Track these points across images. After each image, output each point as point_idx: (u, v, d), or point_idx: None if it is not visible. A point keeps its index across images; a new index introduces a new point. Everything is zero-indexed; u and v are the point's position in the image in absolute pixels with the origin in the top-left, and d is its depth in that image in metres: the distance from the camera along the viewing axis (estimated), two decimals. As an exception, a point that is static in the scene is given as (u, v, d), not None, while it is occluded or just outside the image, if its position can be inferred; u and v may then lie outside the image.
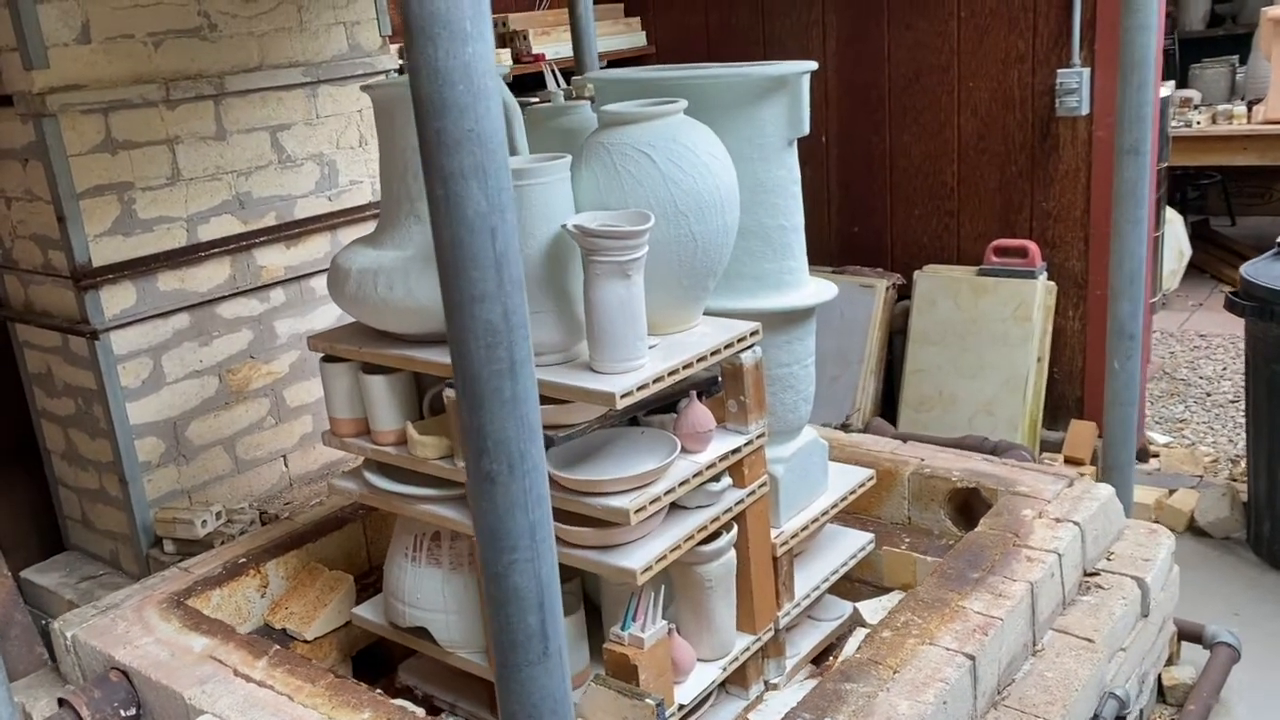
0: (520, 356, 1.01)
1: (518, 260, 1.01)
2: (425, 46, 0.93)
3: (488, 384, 1.01)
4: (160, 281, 2.76)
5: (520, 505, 1.05)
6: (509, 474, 1.03)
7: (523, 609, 1.08)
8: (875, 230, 4.20)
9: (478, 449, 1.03)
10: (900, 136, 4.04)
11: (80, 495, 2.98)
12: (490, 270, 0.98)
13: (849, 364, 3.96)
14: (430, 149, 0.96)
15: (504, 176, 0.98)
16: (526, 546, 1.06)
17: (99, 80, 2.58)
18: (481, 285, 0.98)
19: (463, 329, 1.00)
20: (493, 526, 1.05)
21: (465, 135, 0.95)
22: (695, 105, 2.09)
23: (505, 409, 1.02)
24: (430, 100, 0.94)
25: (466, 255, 0.98)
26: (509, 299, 1.00)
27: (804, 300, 2.18)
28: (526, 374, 1.02)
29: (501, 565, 1.07)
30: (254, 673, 2.12)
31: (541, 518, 1.06)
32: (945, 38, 3.83)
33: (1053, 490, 2.56)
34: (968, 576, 2.23)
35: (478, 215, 0.97)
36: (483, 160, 0.96)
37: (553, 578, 1.09)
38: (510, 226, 0.99)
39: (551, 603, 1.09)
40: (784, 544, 2.23)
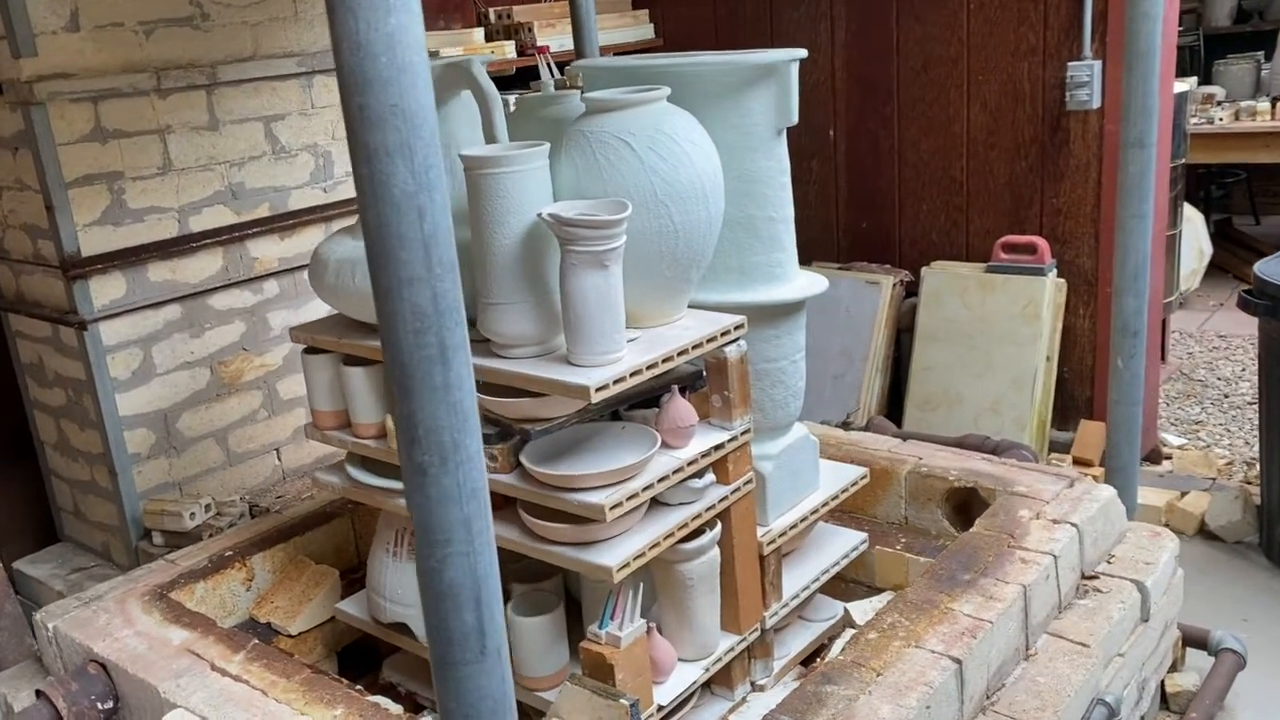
0: (453, 342, 0.97)
1: (449, 242, 0.97)
2: (346, 18, 0.89)
3: (417, 370, 0.97)
4: (151, 272, 2.74)
5: (453, 498, 1.01)
6: (440, 465, 1.00)
7: (458, 605, 1.04)
8: (883, 226, 4.14)
9: (409, 438, 1.00)
10: (909, 130, 3.97)
11: (72, 487, 2.97)
12: (418, 252, 0.94)
13: (854, 361, 3.90)
14: (353, 125, 0.92)
15: (432, 155, 0.94)
16: (461, 540, 1.02)
17: (88, 69, 2.56)
18: (409, 268, 0.95)
19: (390, 313, 0.96)
20: (425, 519, 1.02)
21: (389, 111, 0.91)
22: (683, 94, 2.04)
23: (436, 397, 0.98)
24: (352, 74, 0.91)
25: (393, 236, 0.94)
26: (439, 282, 0.96)
27: (792, 294, 2.14)
28: (460, 361, 0.98)
29: (435, 560, 1.03)
30: (231, 667, 2.09)
31: (477, 511, 1.02)
32: (954, 30, 3.77)
33: (1052, 491, 2.49)
34: (959, 578, 2.17)
35: (404, 195, 0.93)
36: (408, 137, 0.92)
37: (490, 574, 1.05)
38: (440, 207, 0.95)
39: (489, 599, 1.06)
40: (771, 543, 2.19)
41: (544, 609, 2.06)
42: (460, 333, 0.98)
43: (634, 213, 1.85)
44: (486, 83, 1.96)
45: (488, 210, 1.82)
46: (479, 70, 1.96)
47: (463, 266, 1.97)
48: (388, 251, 0.94)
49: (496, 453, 1.93)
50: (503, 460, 1.93)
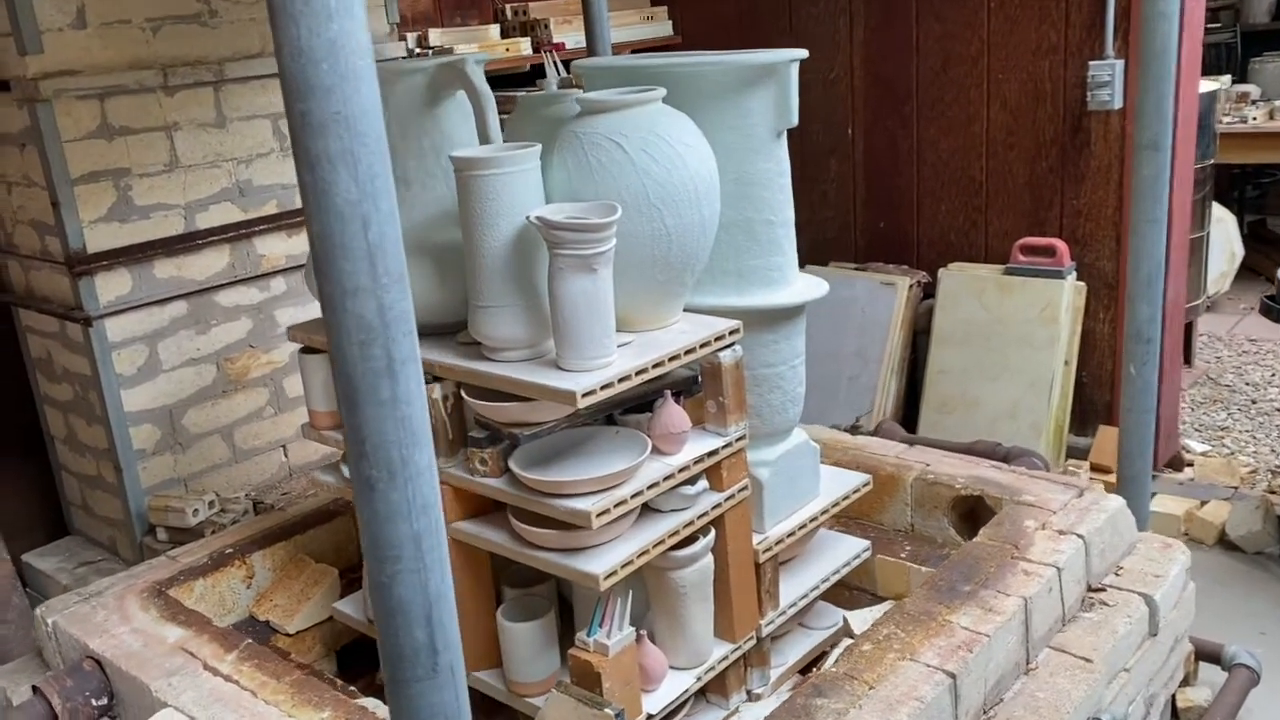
0: (400, 355, 0.95)
1: (396, 252, 0.95)
2: (287, 24, 0.87)
3: (363, 383, 0.95)
4: (157, 269, 2.75)
5: (402, 514, 0.99)
6: (389, 480, 0.97)
7: (409, 622, 1.02)
8: (901, 226, 4.08)
9: (357, 452, 0.98)
10: (928, 130, 3.92)
11: (80, 481, 2.99)
12: (363, 263, 0.92)
13: (869, 363, 3.85)
14: (296, 132, 0.90)
15: (378, 163, 0.92)
16: (411, 557, 1.00)
17: (95, 66, 2.57)
18: (354, 278, 0.93)
19: (336, 325, 0.94)
20: (374, 535, 1.00)
21: (331, 118, 0.89)
22: (681, 94, 2.01)
23: (383, 411, 0.96)
24: (293, 80, 0.89)
25: (337, 246, 0.92)
26: (385, 293, 0.94)
27: (790, 298, 2.10)
28: (408, 374, 0.96)
29: (385, 575, 1.01)
30: (222, 666, 2.09)
31: (427, 527, 1.00)
32: (975, 28, 3.70)
33: (1060, 501, 2.44)
34: (959, 589, 2.13)
35: (347, 204, 0.91)
36: (351, 145, 0.90)
37: (443, 591, 1.03)
38: (386, 216, 0.93)
39: (442, 616, 1.03)
40: (767, 550, 2.15)
41: (535, 614, 2.04)
42: (409, 345, 0.96)
43: (626, 216, 1.82)
44: (480, 83, 1.94)
45: (477, 212, 1.80)
46: (473, 70, 1.94)
47: (456, 268, 1.97)
48: (331, 261, 0.92)
49: (486, 456, 1.91)
50: (492, 464, 1.91)
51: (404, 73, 2.00)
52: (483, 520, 2.00)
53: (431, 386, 1.96)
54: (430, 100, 2.03)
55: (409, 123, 2.02)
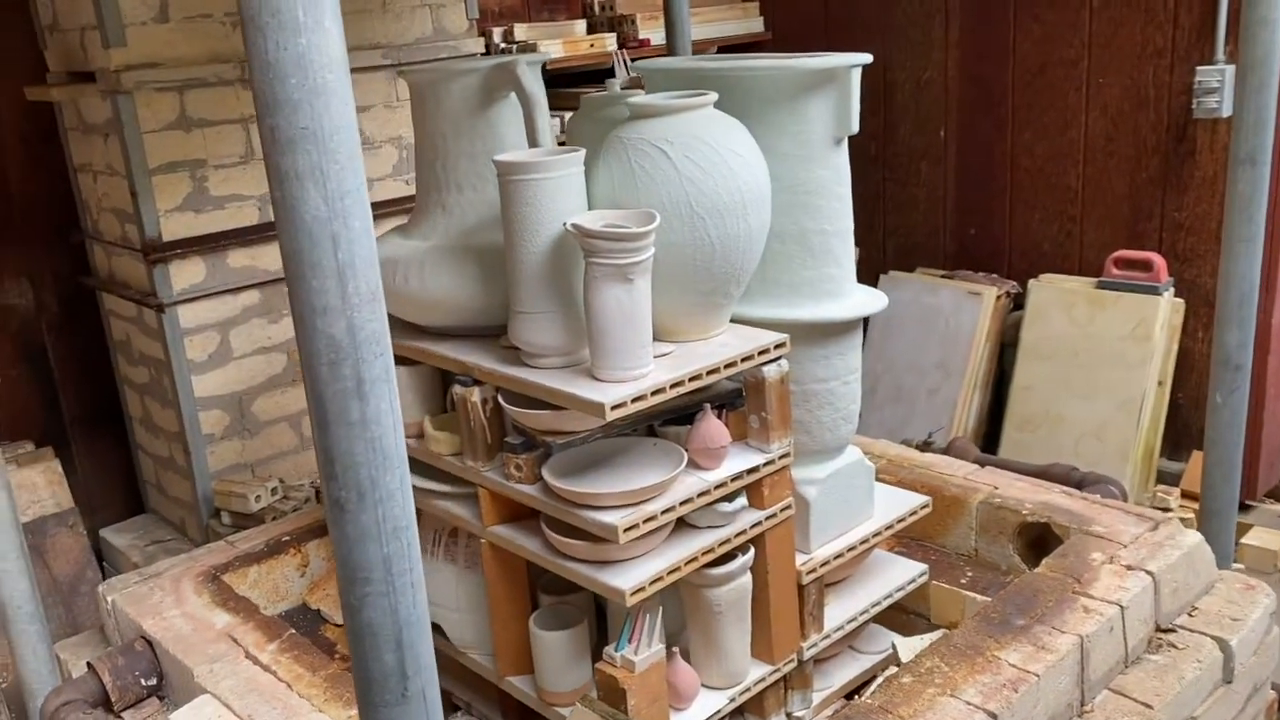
0: (371, 375, 0.93)
1: (369, 271, 0.92)
2: (255, 37, 0.86)
3: (332, 404, 0.93)
4: (230, 258, 2.80)
5: (372, 537, 0.97)
6: (358, 502, 0.95)
7: (378, 646, 1.00)
8: (992, 233, 3.94)
9: (327, 473, 0.96)
10: (1022, 134, 3.76)
11: (155, 461, 3.08)
12: (332, 281, 0.90)
13: (950, 376, 3.73)
14: (266, 147, 0.88)
15: (349, 179, 0.89)
16: (381, 580, 0.98)
17: (175, 59, 2.63)
18: (323, 297, 0.91)
19: (305, 344, 0.92)
20: (344, 557, 0.98)
21: (299, 134, 0.87)
22: (737, 99, 1.96)
23: (353, 432, 0.94)
24: (262, 95, 0.87)
25: (306, 264, 0.90)
26: (355, 313, 0.91)
27: (844, 312, 2.02)
28: (380, 394, 0.94)
29: (355, 598, 0.99)
30: (263, 656, 2.12)
31: (398, 550, 0.98)
32: (1076, 29, 3.54)
33: (1131, 533, 2.31)
34: (1012, 623, 2.03)
35: (316, 221, 0.89)
36: (320, 161, 0.88)
37: (415, 616, 1.01)
38: (358, 234, 0.91)
39: (414, 641, 1.01)
40: (811, 572, 2.09)
41: (568, 623, 2.02)
42: (381, 365, 0.94)
43: (668, 224, 1.78)
44: (530, 84, 1.91)
45: (518, 217, 1.78)
46: (523, 71, 1.91)
47: (501, 271, 1.95)
48: (301, 280, 0.90)
49: (522, 462, 1.89)
50: (527, 470, 1.89)
51: (457, 74, 1.99)
52: (518, 526, 1.99)
53: (470, 390, 1.95)
54: (484, 102, 2.01)
55: (461, 125, 2.01)
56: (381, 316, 0.94)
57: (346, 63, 0.88)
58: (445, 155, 2.04)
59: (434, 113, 2.03)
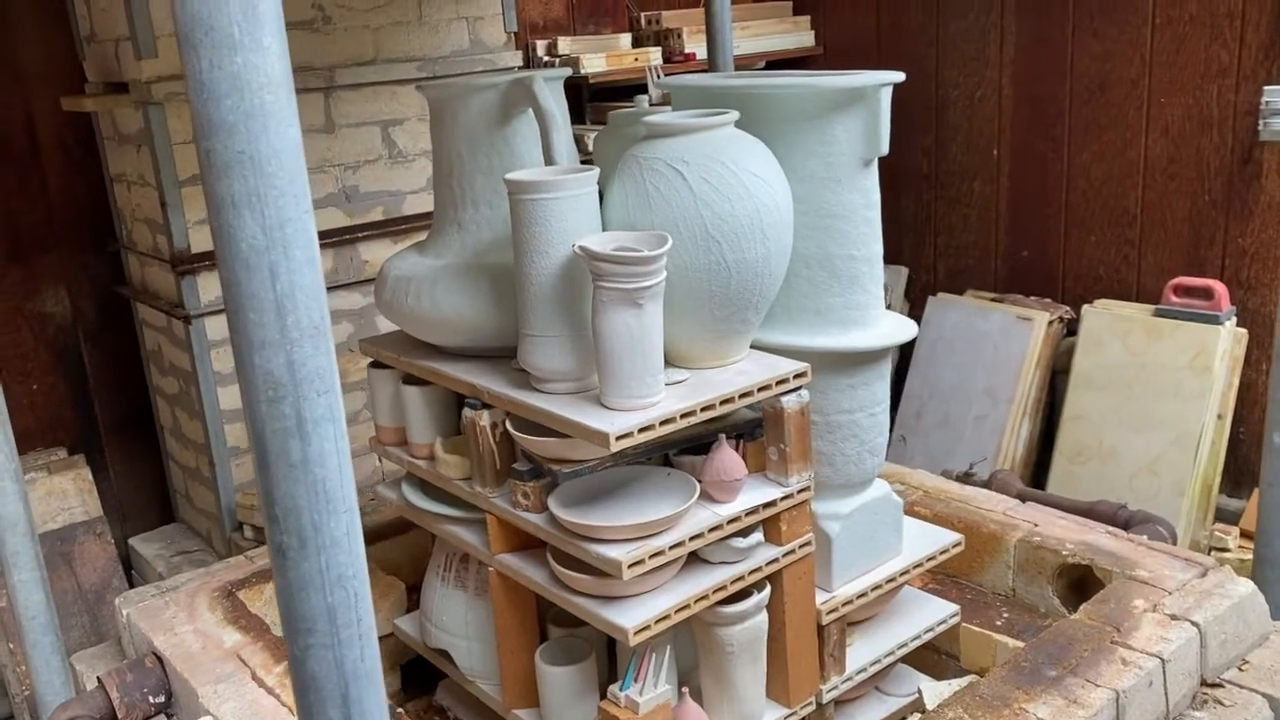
0: (313, 415, 0.87)
1: (311, 304, 0.87)
2: (189, 56, 0.80)
3: (271, 444, 0.87)
4: (260, 270, 2.78)
5: (315, 586, 0.91)
6: (300, 549, 0.90)
7: (322, 700, 0.94)
8: (1046, 256, 3.80)
9: (268, 516, 0.90)
10: (1079, 155, 3.63)
11: (184, 472, 3.07)
12: (270, 314, 0.85)
13: (998, 403, 3.60)
14: (203, 172, 0.83)
15: (290, 207, 0.84)
16: (324, 632, 0.92)
17: (207, 70, 2.62)
18: (261, 331, 0.85)
19: (244, 379, 0.87)
20: (287, 605, 0.92)
21: (235, 158, 0.81)
22: (762, 118, 1.88)
23: (294, 474, 0.88)
24: (197, 117, 0.82)
25: (244, 296, 0.84)
26: (295, 348, 0.86)
27: (870, 341, 1.93)
28: (323, 435, 0.88)
29: (298, 649, 0.93)
30: (269, 678, 2.08)
31: (344, 601, 0.92)
32: (1137, 47, 3.40)
33: (1178, 580, 2.18)
34: (1043, 674, 1.92)
35: (253, 251, 0.83)
36: (258, 187, 0.82)
37: (363, 670, 0.95)
38: (300, 264, 0.85)
39: (362, 696, 0.95)
40: (832, 611, 2.00)
41: (576, 658, 1.95)
42: (326, 404, 0.88)
43: (683, 248, 1.71)
44: (547, 102, 1.86)
45: (528, 237, 1.72)
46: (540, 88, 1.86)
47: (511, 293, 1.89)
48: (238, 312, 0.85)
49: (529, 490, 1.83)
50: (534, 499, 1.83)
51: (474, 89, 1.94)
52: (526, 555, 1.93)
53: (480, 413, 1.90)
54: (502, 118, 1.96)
55: (478, 141, 1.96)
56: (326, 352, 0.88)
57: (289, 83, 0.83)
58: (461, 172, 1.99)
59: (451, 128, 1.99)
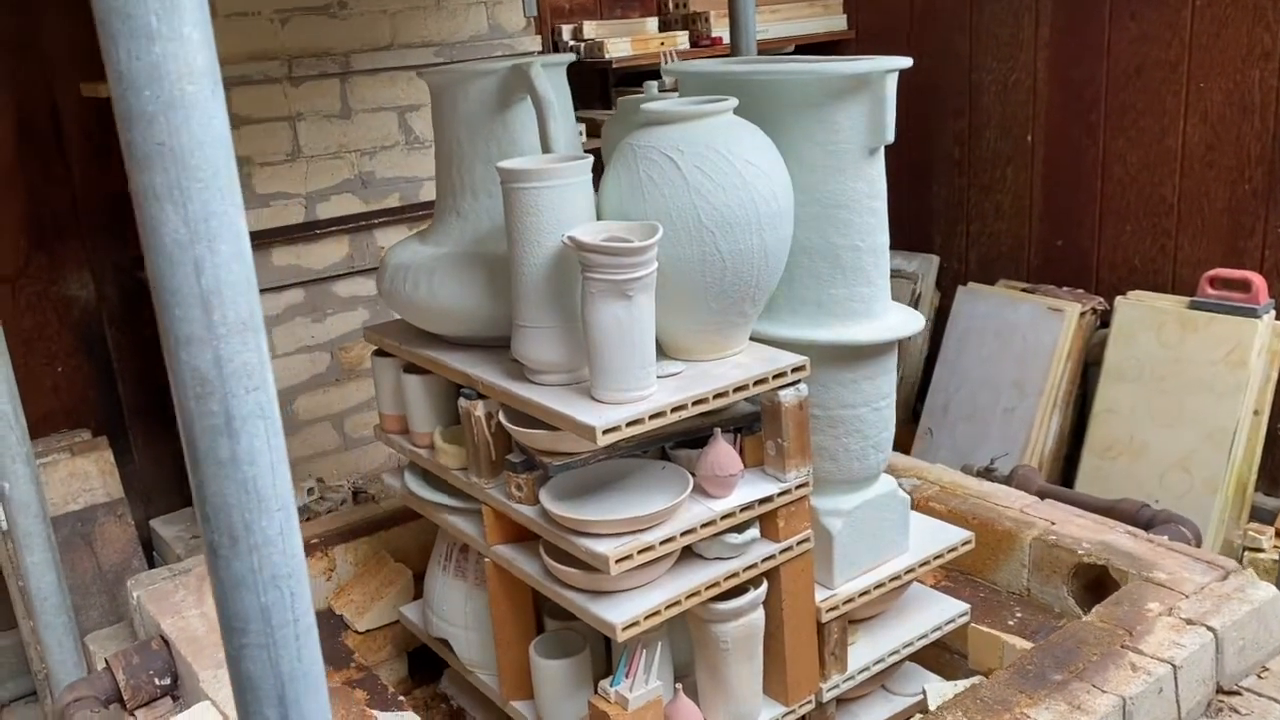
0: (242, 411, 0.85)
1: (239, 299, 0.85)
2: (108, 46, 0.79)
3: (200, 441, 0.86)
4: (275, 256, 2.79)
5: (247, 585, 0.89)
6: (231, 548, 0.88)
7: (258, 700, 0.93)
8: (1080, 246, 3.71)
9: (201, 514, 0.89)
10: (1115, 141, 3.53)
11: (203, 455, 3.10)
12: (195, 310, 0.83)
13: (1026, 396, 3.52)
14: (126, 164, 0.81)
15: (216, 201, 0.82)
16: (259, 632, 0.91)
17: (221, 56, 2.60)
18: (186, 326, 0.83)
19: (172, 375, 0.85)
20: (221, 604, 0.91)
21: (155, 150, 0.80)
22: (766, 105, 1.84)
23: (223, 472, 0.86)
24: (118, 108, 0.80)
25: (169, 291, 0.83)
26: (222, 344, 0.84)
27: (874, 334, 1.89)
28: (252, 432, 0.86)
29: (233, 648, 0.92)
30: (269, 664, 2.08)
31: (278, 600, 0.90)
32: (1176, 29, 3.29)
33: (1197, 583, 2.12)
34: (1048, 677, 1.87)
35: (176, 245, 0.82)
36: (180, 179, 0.80)
37: (299, 670, 0.93)
38: (226, 259, 0.83)
39: (299, 697, 0.94)
40: (833, 609, 1.96)
41: (571, 651, 1.93)
42: (256, 401, 0.86)
43: (676, 238, 1.68)
44: (543, 88, 1.83)
45: (519, 227, 1.70)
46: (536, 73, 1.83)
47: (507, 283, 1.87)
48: (164, 307, 0.83)
49: (522, 482, 1.81)
50: (527, 491, 1.81)
51: (473, 75, 1.92)
52: (521, 547, 1.91)
53: (475, 403, 1.88)
54: (500, 104, 1.93)
55: (477, 128, 1.94)
56: (257, 348, 0.86)
57: (214, 74, 0.81)
58: (461, 159, 1.97)
59: (450, 115, 1.97)
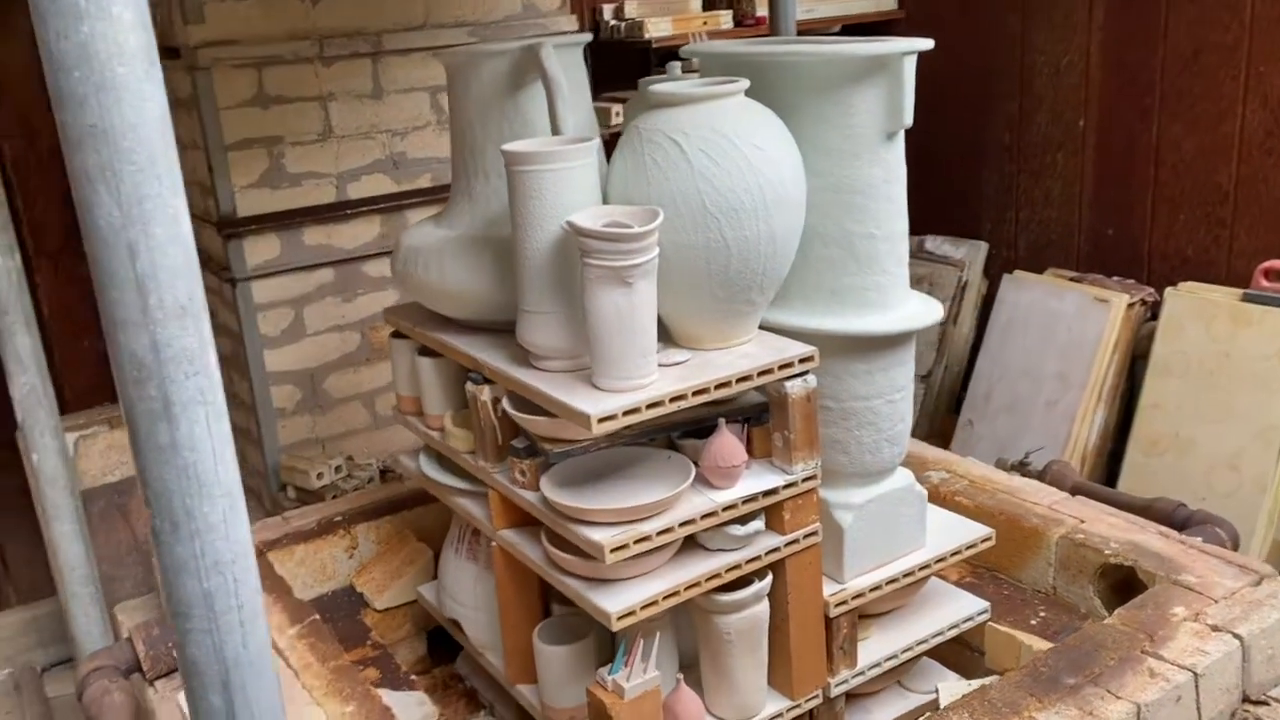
0: (181, 397, 0.85)
1: (178, 283, 0.84)
2: (39, 26, 0.78)
3: (140, 424, 0.86)
4: (306, 236, 2.81)
5: (190, 570, 0.89)
6: (172, 533, 0.88)
7: (203, 685, 0.92)
8: (1131, 234, 3.59)
9: (144, 498, 0.89)
10: (1170, 126, 3.40)
11: (237, 431, 3.14)
12: (131, 293, 0.82)
13: (1069, 388, 3.43)
14: (62, 146, 0.81)
15: (149, 184, 0.81)
16: (202, 617, 0.90)
17: (253, 36, 2.64)
18: (122, 310, 0.83)
19: (112, 358, 0.85)
20: (168, 588, 0.91)
21: (87, 132, 0.79)
22: (782, 87, 1.80)
23: (162, 457, 0.86)
24: (51, 89, 0.79)
25: (104, 274, 0.82)
26: (159, 329, 0.83)
27: (886, 325, 1.84)
28: (193, 418, 0.86)
29: (180, 633, 0.92)
30: (281, 640, 2.11)
31: (221, 586, 0.90)
32: (1235, 11, 3.16)
33: (1228, 587, 2.04)
34: (1061, 681, 1.81)
35: (110, 228, 0.81)
36: (112, 161, 0.79)
37: (245, 656, 0.93)
38: (162, 242, 0.82)
39: (244, 683, 0.93)
40: (841, 604, 1.92)
41: (575, 636, 1.92)
42: (195, 386, 0.86)
43: (680, 224, 1.65)
44: (552, 68, 1.80)
45: (523, 211, 1.68)
46: (546, 54, 1.80)
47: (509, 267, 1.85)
48: (101, 290, 0.83)
49: (525, 468, 1.80)
50: (530, 477, 1.80)
51: (485, 56, 1.90)
52: (525, 531, 1.90)
53: (481, 388, 1.87)
54: (513, 86, 1.91)
55: (490, 110, 1.92)
56: (198, 332, 0.86)
57: (148, 55, 0.80)
58: (474, 141, 1.96)
59: (463, 97, 1.95)
